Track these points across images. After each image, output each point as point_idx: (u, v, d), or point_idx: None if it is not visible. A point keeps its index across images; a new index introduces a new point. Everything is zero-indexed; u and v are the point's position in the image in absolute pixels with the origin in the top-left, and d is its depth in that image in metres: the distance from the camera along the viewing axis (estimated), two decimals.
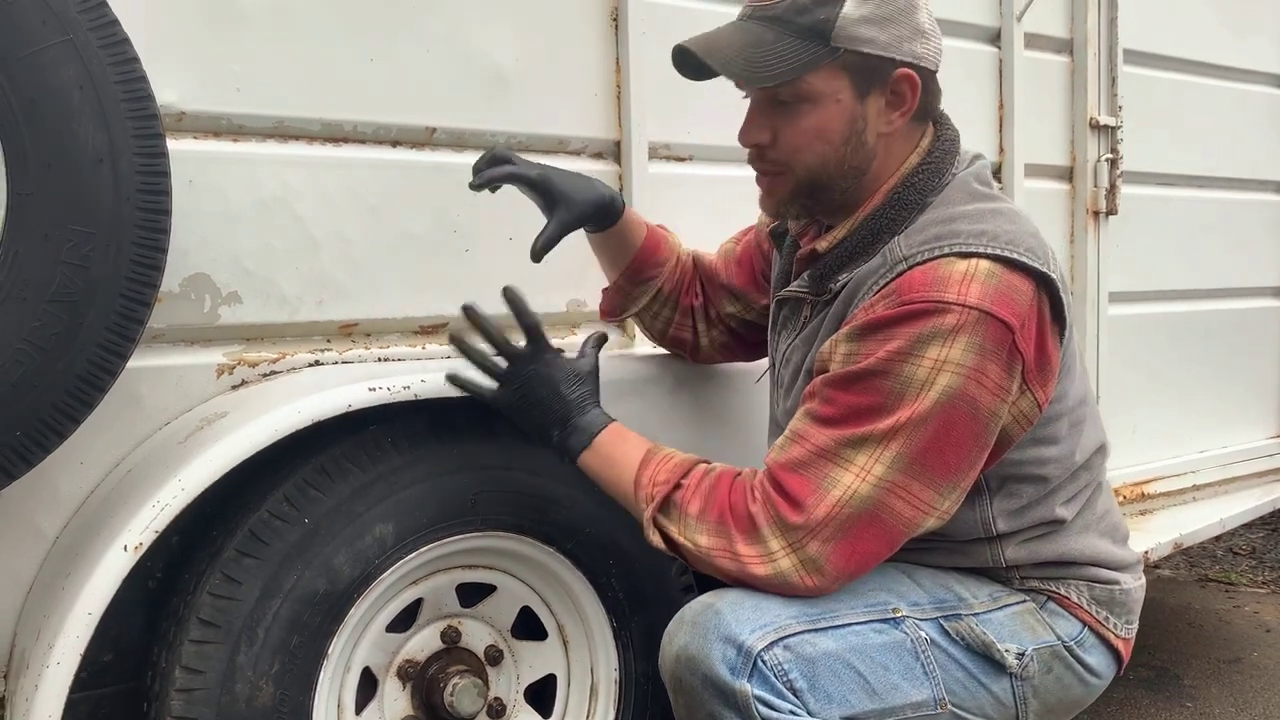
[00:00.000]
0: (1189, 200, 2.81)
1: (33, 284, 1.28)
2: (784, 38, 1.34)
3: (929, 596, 1.42)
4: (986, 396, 1.30)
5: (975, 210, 1.38)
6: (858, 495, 1.30)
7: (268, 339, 1.65)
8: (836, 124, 1.37)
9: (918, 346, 1.29)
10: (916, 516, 1.32)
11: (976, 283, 1.29)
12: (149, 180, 1.34)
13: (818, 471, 1.32)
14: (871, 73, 1.36)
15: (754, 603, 1.32)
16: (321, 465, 1.51)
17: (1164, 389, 2.74)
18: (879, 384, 1.30)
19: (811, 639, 1.31)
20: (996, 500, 1.44)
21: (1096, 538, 1.51)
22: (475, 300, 1.77)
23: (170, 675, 1.42)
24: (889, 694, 1.33)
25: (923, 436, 1.29)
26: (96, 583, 1.34)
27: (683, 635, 1.32)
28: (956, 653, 1.40)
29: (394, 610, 1.62)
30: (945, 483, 1.32)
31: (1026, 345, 1.32)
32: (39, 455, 1.33)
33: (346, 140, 1.69)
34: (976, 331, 1.28)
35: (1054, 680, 1.46)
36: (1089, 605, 1.48)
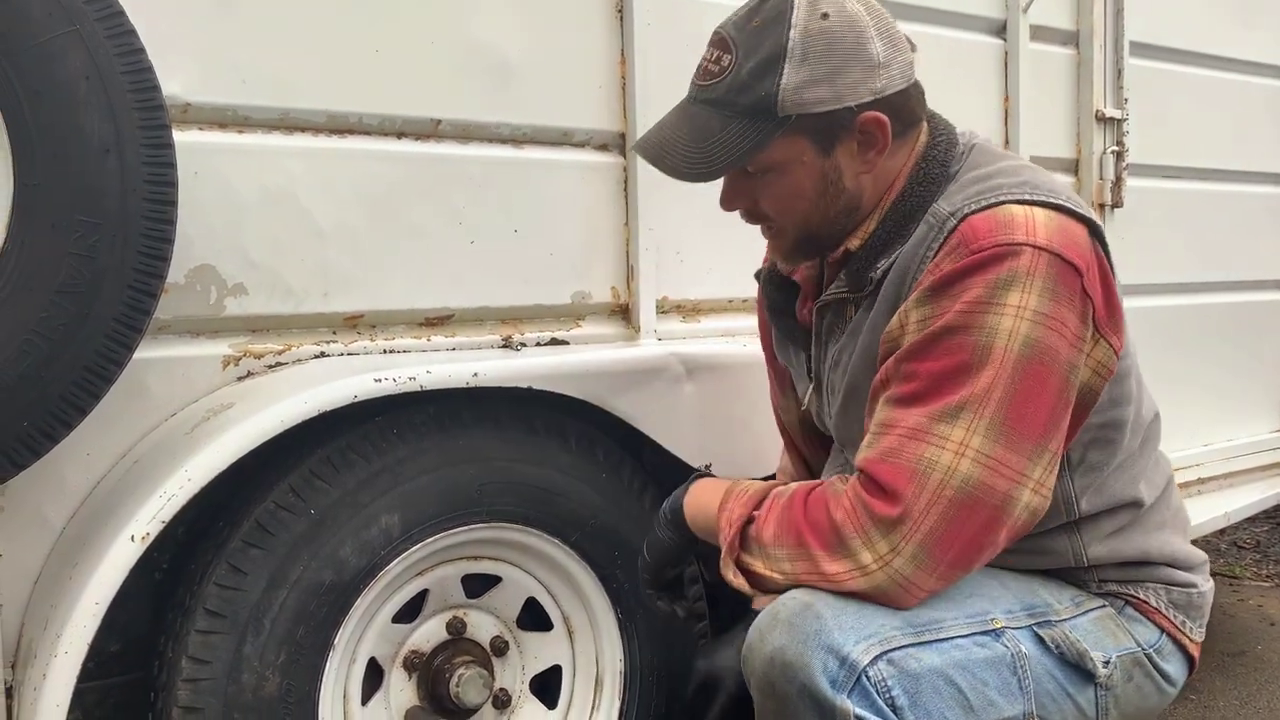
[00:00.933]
0: (1195, 193, 2.81)
1: (40, 274, 1.28)
2: (730, 121, 1.31)
3: (1019, 602, 1.36)
4: (1066, 347, 1.24)
5: (1008, 166, 1.35)
6: (957, 474, 1.21)
7: (273, 330, 1.66)
8: (807, 184, 1.36)
9: (997, 293, 1.23)
10: (1014, 489, 1.23)
11: (1039, 225, 1.25)
12: (155, 171, 1.34)
13: (911, 455, 1.23)
14: (831, 127, 1.33)
15: (857, 608, 1.25)
16: (328, 456, 1.51)
17: (1168, 382, 2.72)
18: (962, 340, 1.23)
19: (916, 653, 1.25)
20: (1078, 476, 1.38)
21: (1172, 534, 1.47)
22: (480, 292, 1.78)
23: (177, 665, 1.43)
24: (984, 710, 1.28)
25: (1015, 394, 1.22)
26: (104, 573, 1.34)
27: (778, 636, 1.24)
28: (1050, 664, 1.34)
29: (400, 601, 1.63)
30: (1034, 445, 1.24)
31: (1094, 289, 1.27)
32: (46, 446, 1.33)
33: (352, 132, 1.69)
34: (1050, 276, 1.23)
35: (1134, 689, 1.41)
36: (1167, 609, 1.44)
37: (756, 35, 1.30)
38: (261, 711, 1.46)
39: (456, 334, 1.80)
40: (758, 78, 1.29)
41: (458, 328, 1.80)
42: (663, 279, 1.96)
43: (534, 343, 1.84)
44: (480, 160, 1.79)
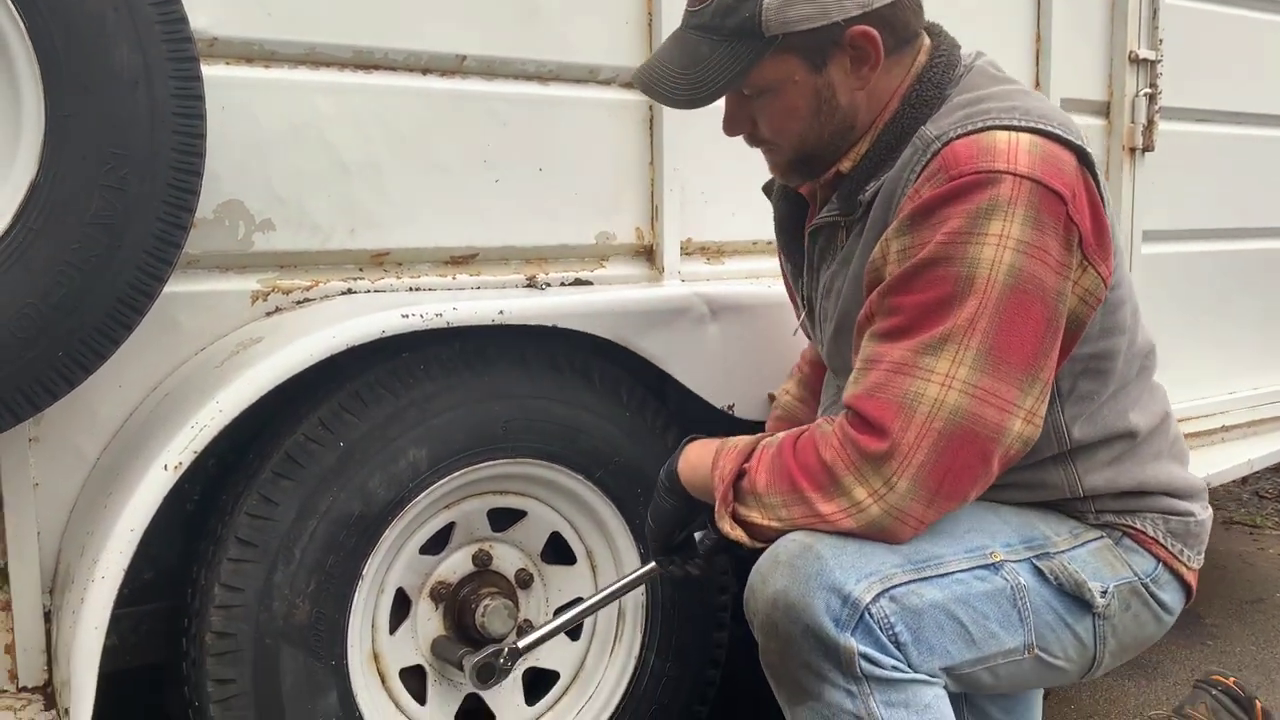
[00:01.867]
0: (1227, 137, 2.76)
1: (72, 206, 1.30)
2: (719, 45, 1.32)
3: (1018, 535, 1.37)
4: (1051, 275, 1.23)
5: (1001, 90, 1.33)
6: (946, 406, 1.21)
7: (301, 267, 1.67)
8: (801, 103, 1.35)
9: (978, 223, 1.22)
10: (1005, 420, 1.23)
11: (1023, 152, 1.23)
12: (184, 103, 1.35)
13: (898, 390, 1.23)
14: (819, 44, 1.32)
15: (857, 546, 1.25)
16: (356, 391, 1.53)
17: (1196, 329, 2.71)
18: (944, 272, 1.22)
19: (917, 589, 1.26)
20: (1067, 405, 1.37)
21: (1169, 463, 1.47)
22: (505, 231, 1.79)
23: (210, 592, 1.46)
24: (986, 642, 1.30)
25: (1000, 328, 1.21)
26: (138, 501, 1.37)
27: (780, 578, 1.25)
28: (1048, 595, 1.35)
29: (427, 533, 1.66)
30: (1024, 375, 1.23)
31: (1081, 216, 1.26)
32: (80, 376, 1.35)
33: (377, 67, 1.69)
34: (1032, 203, 1.22)
35: (1131, 618, 1.42)
36: (1164, 539, 1.43)
37: None
38: (292, 638, 1.49)
39: (481, 273, 1.80)
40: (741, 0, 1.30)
41: (482, 266, 1.81)
42: (687, 220, 1.96)
43: (558, 283, 1.84)
44: (505, 97, 1.78)
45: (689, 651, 1.82)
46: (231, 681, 1.46)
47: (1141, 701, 2.40)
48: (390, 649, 1.65)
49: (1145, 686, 2.48)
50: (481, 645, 1.70)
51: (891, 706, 1.25)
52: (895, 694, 1.25)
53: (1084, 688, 2.44)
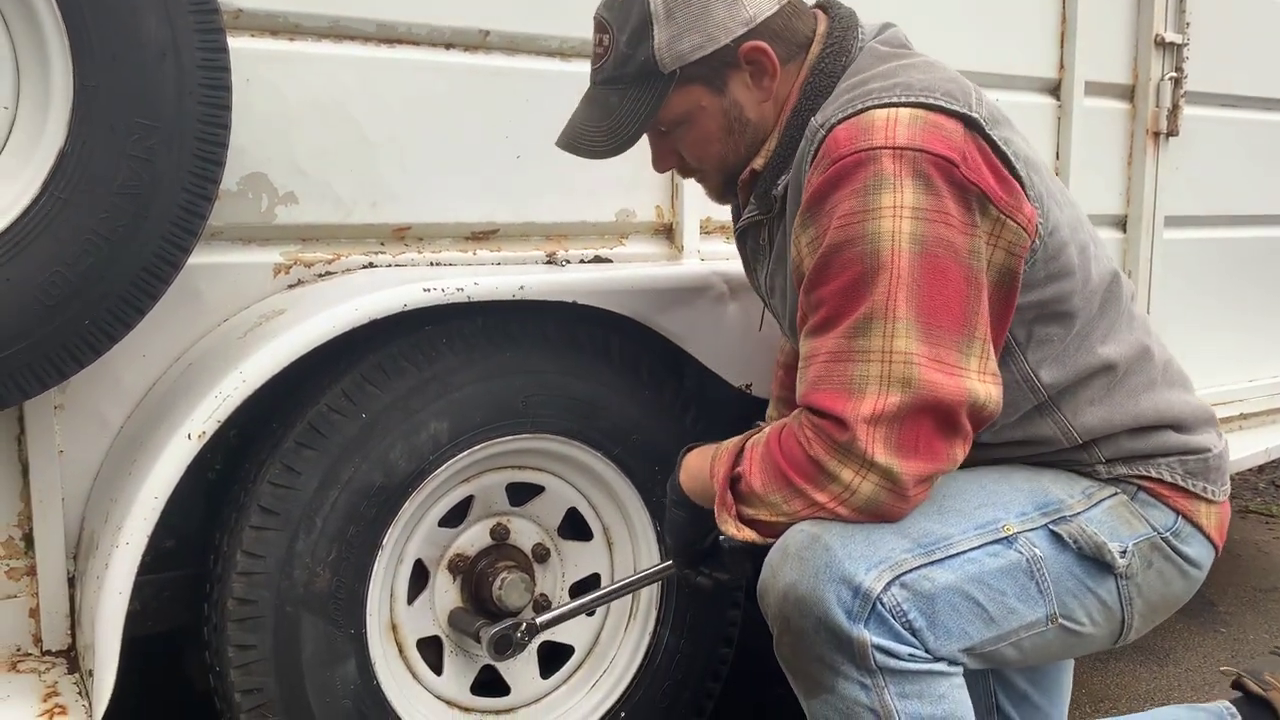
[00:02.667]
0: (1253, 123, 2.74)
1: (100, 176, 1.31)
2: (626, 92, 1.39)
3: (1031, 502, 1.36)
4: (958, 235, 1.25)
5: (886, 69, 1.36)
6: (893, 380, 1.23)
7: (323, 240, 1.67)
8: (713, 126, 1.42)
9: (868, 199, 1.24)
10: (955, 382, 1.24)
11: (901, 125, 1.26)
12: (210, 75, 1.36)
13: (841, 377, 1.25)
14: (716, 69, 1.38)
15: (864, 534, 1.26)
16: (379, 363, 1.54)
17: (1216, 316, 2.70)
18: (849, 254, 1.25)
19: (928, 573, 1.26)
20: (1029, 351, 1.37)
21: (1166, 390, 1.43)
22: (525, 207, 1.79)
23: (232, 559, 1.48)
24: (1005, 619, 1.30)
25: (919, 292, 1.23)
26: (161, 469, 1.39)
27: (790, 571, 1.26)
28: (1068, 560, 1.34)
29: (446, 506, 1.67)
30: (958, 336, 1.25)
31: (977, 174, 1.26)
32: (106, 344, 1.37)
33: (400, 41, 1.69)
34: (919, 171, 1.24)
35: (1156, 575, 1.40)
36: (1184, 480, 1.40)
37: (624, 9, 1.37)
38: (313, 606, 1.51)
39: (501, 249, 1.81)
40: (635, 46, 1.36)
41: (503, 242, 1.81)
42: (707, 199, 1.95)
43: (578, 260, 1.85)
44: (527, 73, 1.78)
45: (703, 628, 1.84)
46: (252, 648, 1.48)
47: (1153, 687, 2.41)
48: (408, 619, 1.67)
49: (1157, 672, 2.48)
50: (498, 618, 1.72)
51: (906, 698, 1.25)
52: (910, 685, 1.25)
53: (1094, 674, 2.44)
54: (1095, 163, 2.46)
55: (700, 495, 1.43)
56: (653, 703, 1.81)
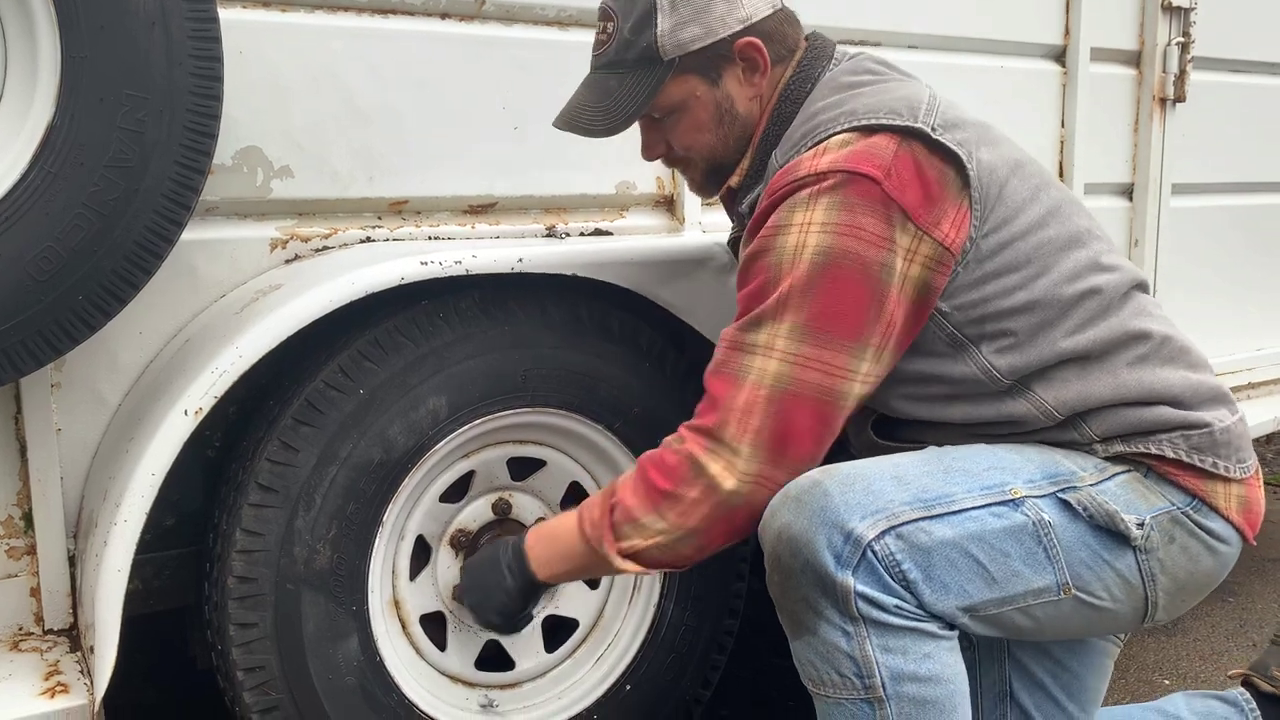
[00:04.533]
0: (1262, 88, 2.70)
1: (90, 149, 1.29)
2: (625, 77, 1.46)
3: (1041, 471, 1.35)
4: (869, 250, 1.31)
5: (835, 99, 1.43)
6: (768, 374, 1.32)
7: (319, 214, 1.66)
8: (704, 115, 1.49)
9: (783, 217, 1.35)
10: (837, 384, 1.32)
11: (828, 153, 1.34)
12: (200, 45, 1.33)
13: (731, 365, 1.36)
14: (712, 61, 1.45)
15: (865, 485, 1.28)
16: (375, 338, 1.52)
17: (1224, 284, 2.68)
18: (760, 264, 1.36)
19: (927, 527, 1.27)
20: (984, 346, 1.38)
21: (1160, 366, 1.39)
22: (524, 180, 1.77)
23: (231, 537, 1.47)
24: (1009, 581, 1.29)
25: (813, 301, 1.31)
26: (159, 446, 1.38)
27: (787, 512, 1.29)
28: (1080, 530, 1.32)
29: (447, 481, 1.66)
30: (853, 343, 1.32)
31: (902, 191, 1.32)
32: (100, 320, 1.35)
33: (395, 12, 1.67)
34: (837, 191, 1.32)
35: (1179, 550, 1.36)
36: (1189, 456, 1.36)
37: None
38: (313, 583, 1.50)
39: (500, 222, 1.79)
40: (638, 33, 1.43)
41: (501, 215, 1.79)
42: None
43: (577, 233, 1.83)
44: (524, 43, 1.76)
45: (707, 601, 1.83)
46: (253, 625, 1.47)
47: (1160, 658, 2.40)
48: (410, 595, 1.66)
49: (1165, 643, 2.47)
50: None
51: (888, 651, 1.26)
52: (893, 639, 1.26)
53: None
54: (1101, 130, 2.43)
55: (563, 563, 1.47)
56: (658, 675, 1.80)
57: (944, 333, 1.39)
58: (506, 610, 1.54)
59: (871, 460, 1.35)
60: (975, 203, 1.36)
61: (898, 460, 1.35)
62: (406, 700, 1.61)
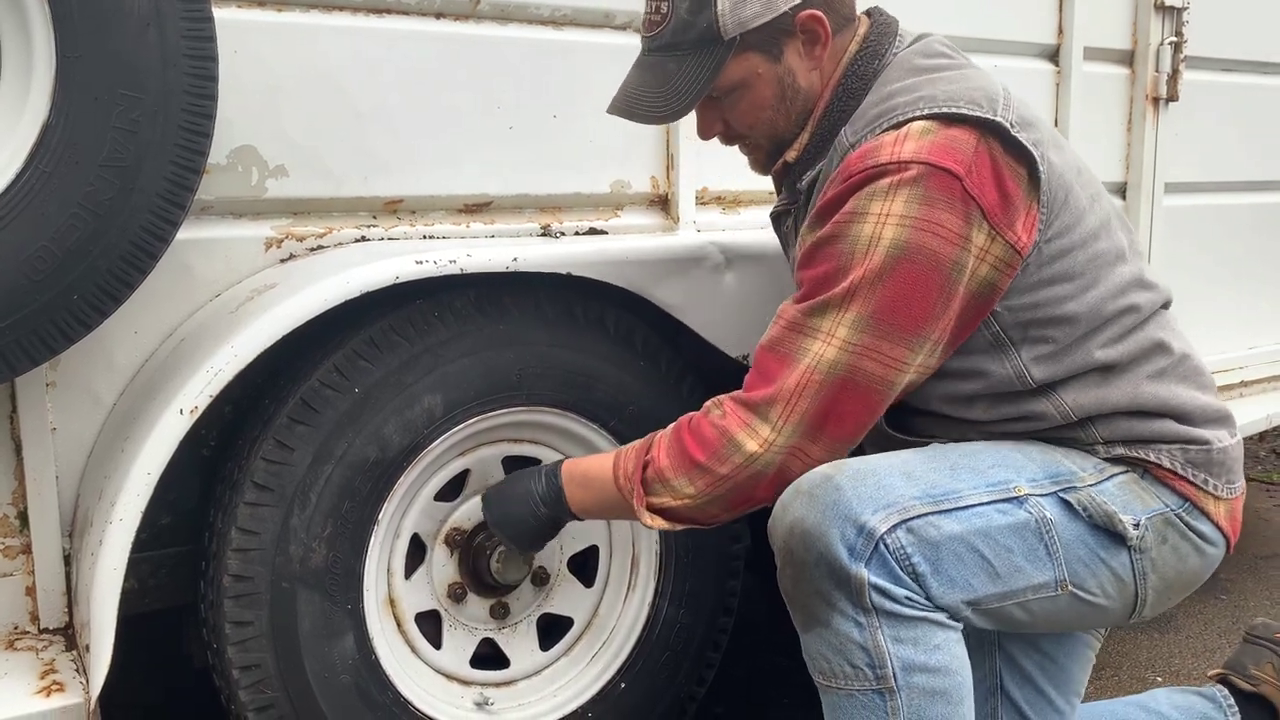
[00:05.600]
0: (1254, 87, 2.71)
1: (85, 148, 1.29)
2: (685, 59, 1.42)
3: (1043, 471, 1.38)
4: (945, 246, 1.31)
5: (913, 82, 1.40)
6: (824, 360, 1.32)
7: (314, 213, 1.66)
8: (767, 92, 1.46)
9: (861, 204, 1.33)
10: (890, 374, 1.33)
11: (910, 140, 1.33)
12: (195, 45, 1.33)
13: (789, 345, 1.35)
14: (773, 36, 1.43)
15: (876, 480, 1.30)
16: (370, 337, 1.53)
17: (1217, 283, 2.69)
18: (831, 249, 1.34)
19: (936, 521, 1.29)
20: (1024, 350, 1.40)
21: (1174, 383, 1.44)
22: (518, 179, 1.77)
23: (227, 536, 1.47)
24: (1011, 576, 1.31)
25: (881, 293, 1.31)
26: (154, 444, 1.38)
27: (799, 506, 1.30)
28: (1078, 529, 1.36)
29: (442, 480, 1.66)
30: (915, 337, 1.33)
31: (981, 190, 1.32)
32: (95, 319, 1.35)
33: (390, 11, 1.67)
34: (919, 184, 1.30)
35: (1170, 551, 1.41)
36: (1184, 469, 1.41)
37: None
38: (309, 581, 1.50)
39: (495, 221, 1.79)
40: (696, 13, 1.40)
41: (496, 215, 1.80)
42: (703, 169, 1.94)
43: (572, 232, 1.83)
44: (519, 42, 1.76)
45: (703, 599, 1.83)
46: (249, 624, 1.48)
47: (1153, 654, 2.41)
48: (406, 594, 1.66)
49: (1158, 640, 2.48)
50: (495, 592, 1.72)
51: (900, 642, 1.27)
52: (905, 630, 1.27)
53: None
54: (1094, 129, 2.44)
55: (595, 502, 1.49)
56: (653, 673, 1.81)
57: (989, 331, 1.39)
58: (535, 536, 1.57)
59: (879, 456, 1.37)
60: (1043, 206, 1.37)
61: (905, 457, 1.37)
62: (402, 698, 1.61)
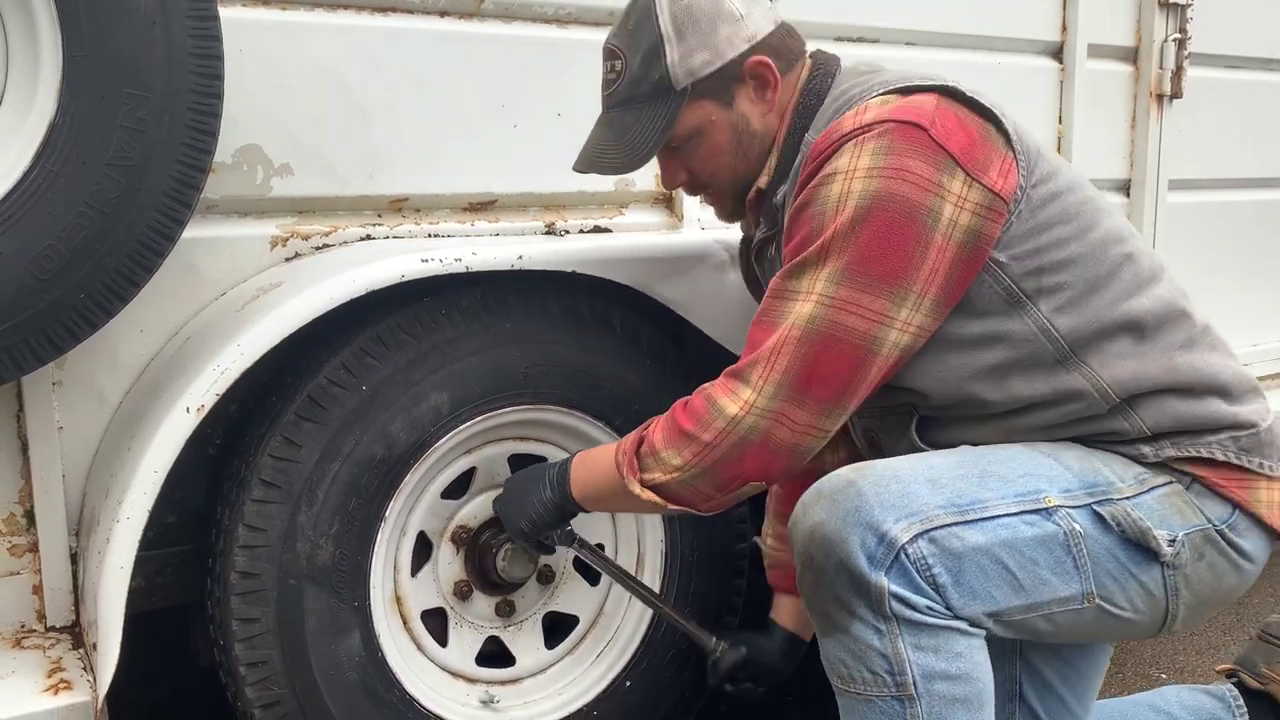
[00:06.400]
0: (1259, 84, 2.71)
1: (91, 147, 1.29)
2: (641, 112, 1.46)
3: (1079, 480, 1.34)
4: (917, 192, 1.29)
5: (865, 77, 1.45)
6: (803, 315, 1.31)
7: (320, 212, 1.66)
8: (723, 138, 1.48)
9: (826, 167, 1.34)
10: (872, 328, 1.30)
11: (871, 110, 1.34)
12: (201, 43, 1.34)
13: (772, 312, 1.35)
14: (724, 83, 1.45)
15: (900, 487, 1.28)
16: (378, 335, 1.53)
17: (1221, 280, 2.68)
18: (804, 215, 1.35)
19: (959, 532, 1.26)
20: (1041, 301, 1.36)
21: (1208, 350, 1.40)
22: (523, 177, 1.77)
23: (234, 533, 1.47)
24: (1036, 589, 1.29)
25: (856, 244, 1.30)
26: (160, 443, 1.38)
27: (820, 510, 1.29)
28: (1110, 542, 1.32)
29: (449, 477, 1.67)
30: (894, 288, 1.30)
31: (947, 137, 1.31)
32: (101, 318, 1.36)
33: (394, 10, 1.67)
34: (883, 137, 1.31)
35: (1206, 568, 1.37)
36: (1239, 457, 1.36)
37: (634, 35, 1.45)
38: (315, 578, 1.50)
39: (500, 219, 1.79)
40: (648, 67, 1.44)
41: (501, 213, 1.80)
42: None
43: (577, 230, 1.83)
44: (523, 40, 1.76)
45: (707, 598, 1.83)
46: (256, 621, 1.48)
47: (1157, 652, 2.41)
48: (412, 591, 1.67)
49: (1163, 637, 2.48)
50: (501, 589, 1.72)
51: (920, 650, 1.25)
52: (926, 638, 1.25)
53: None
54: (1098, 126, 2.44)
55: (597, 489, 1.48)
56: (658, 672, 1.81)
57: (1001, 286, 1.36)
58: (537, 521, 1.55)
59: (905, 459, 1.35)
60: (1019, 154, 1.36)
61: (932, 461, 1.34)
62: (408, 696, 1.62)
